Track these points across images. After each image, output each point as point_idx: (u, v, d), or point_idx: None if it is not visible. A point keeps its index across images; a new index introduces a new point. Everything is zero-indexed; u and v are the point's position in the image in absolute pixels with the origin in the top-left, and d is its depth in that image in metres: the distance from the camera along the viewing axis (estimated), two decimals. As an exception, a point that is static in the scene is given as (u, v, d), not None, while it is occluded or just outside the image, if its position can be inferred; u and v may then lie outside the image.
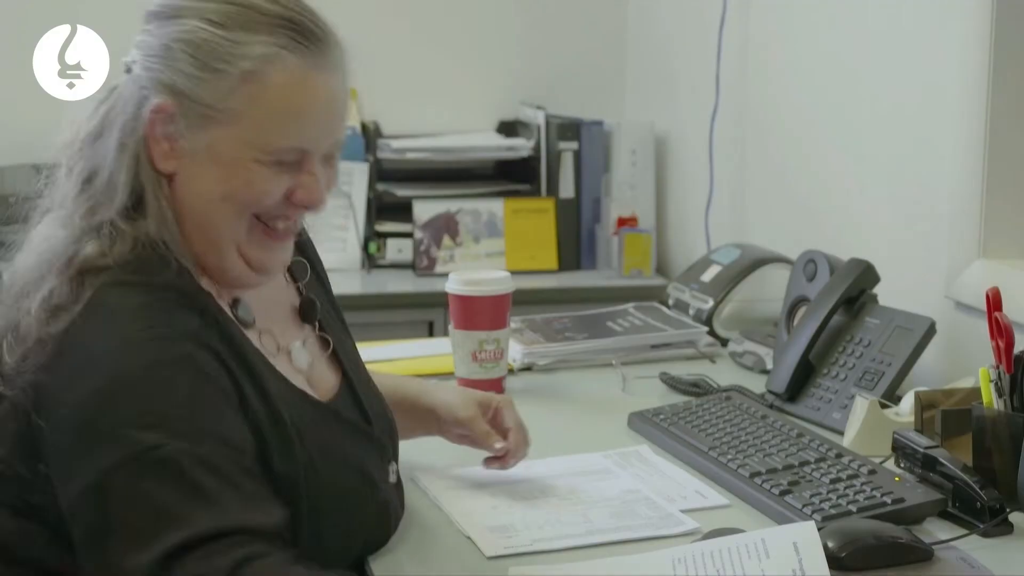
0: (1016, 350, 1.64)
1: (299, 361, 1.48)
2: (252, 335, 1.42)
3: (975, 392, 1.69)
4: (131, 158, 1.35)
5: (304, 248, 1.61)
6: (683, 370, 2.21)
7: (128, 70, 1.38)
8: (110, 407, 1.26)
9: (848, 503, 1.57)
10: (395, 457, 1.56)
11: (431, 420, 1.72)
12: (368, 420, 1.51)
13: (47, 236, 1.38)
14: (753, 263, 2.48)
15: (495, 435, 1.67)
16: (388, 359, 2.25)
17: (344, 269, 3.23)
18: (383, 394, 1.61)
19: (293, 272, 1.56)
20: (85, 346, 1.29)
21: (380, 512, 1.49)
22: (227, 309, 1.40)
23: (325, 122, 1.39)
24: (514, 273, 2.18)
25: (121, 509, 1.24)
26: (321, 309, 1.56)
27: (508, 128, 3.54)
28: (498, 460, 1.69)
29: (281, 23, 1.35)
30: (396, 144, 3.36)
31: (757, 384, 2.12)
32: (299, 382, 1.44)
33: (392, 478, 1.53)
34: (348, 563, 1.44)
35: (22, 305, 1.33)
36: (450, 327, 2.12)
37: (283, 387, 1.40)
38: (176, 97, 1.34)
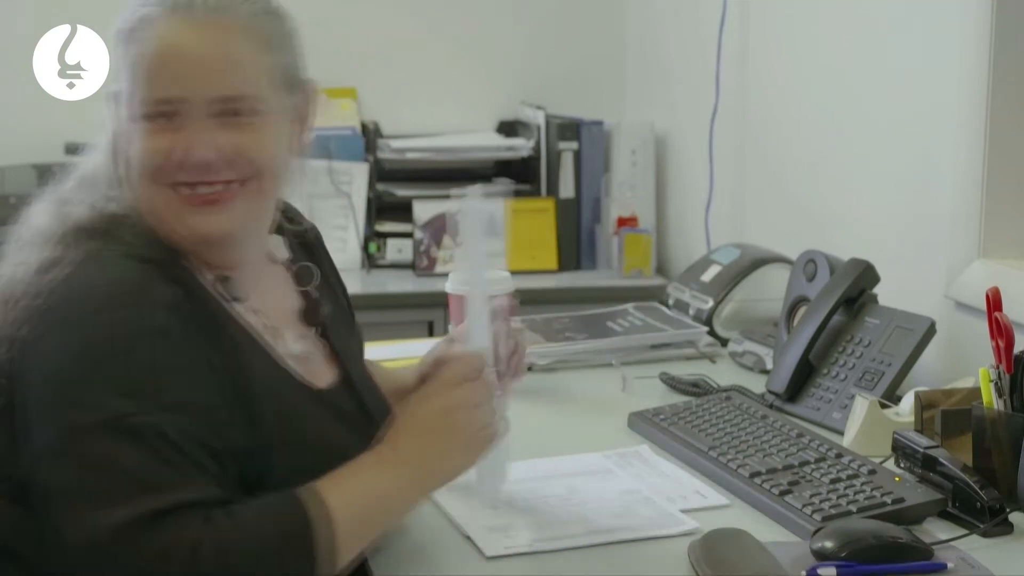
0: (1016, 350, 1.64)
1: (292, 345, 1.48)
2: (242, 310, 1.43)
3: (975, 392, 1.69)
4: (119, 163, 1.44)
5: (312, 250, 1.62)
6: (683, 370, 2.21)
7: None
8: (82, 370, 1.28)
9: (848, 503, 1.57)
10: None
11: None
12: (367, 412, 1.50)
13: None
14: (753, 263, 2.47)
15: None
16: (388, 359, 2.24)
17: (344, 269, 3.15)
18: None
19: (299, 276, 1.56)
20: (66, 308, 1.31)
21: None
22: (211, 286, 1.41)
23: (195, 72, 1.38)
24: (514, 273, 2.18)
25: (89, 471, 1.25)
26: (330, 314, 1.56)
27: (508, 128, 3.54)
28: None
29: None
30: (396, 144, 3.36)
31: (757, 384, 2.12)
32: (288, 364, 1.45)
33: None
34: None
35: (22, 259, 1.37)
36: (450, 327, 2.12)
37: (266, 363, 1.41)
38: (113, 94, 1.43)
